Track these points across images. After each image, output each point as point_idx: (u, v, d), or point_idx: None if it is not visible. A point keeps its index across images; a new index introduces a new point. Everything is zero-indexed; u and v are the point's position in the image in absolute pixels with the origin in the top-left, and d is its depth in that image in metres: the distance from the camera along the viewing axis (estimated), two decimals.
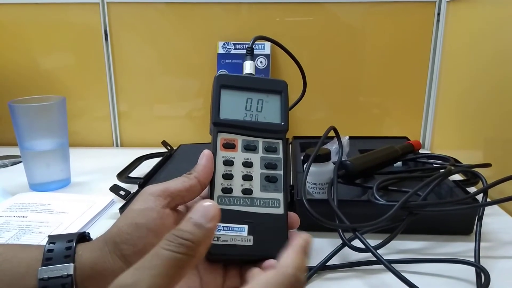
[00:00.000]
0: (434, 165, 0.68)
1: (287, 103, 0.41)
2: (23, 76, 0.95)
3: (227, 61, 0.90)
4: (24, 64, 0.94)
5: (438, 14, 0.86)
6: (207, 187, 0.37)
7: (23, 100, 0.67)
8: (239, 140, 0.39)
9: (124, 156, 0.78)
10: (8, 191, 0.67)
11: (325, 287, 0.43)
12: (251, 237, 0.36)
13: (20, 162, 0.76)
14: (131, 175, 0.70)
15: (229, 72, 0.89)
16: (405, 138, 0.83)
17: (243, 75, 0.44)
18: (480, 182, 0.57)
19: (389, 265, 0.42)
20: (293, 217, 0.40)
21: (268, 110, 0.40)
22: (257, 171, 0.38)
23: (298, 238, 0.30)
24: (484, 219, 0.51)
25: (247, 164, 0.38)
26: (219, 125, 0.39)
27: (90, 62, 0.93)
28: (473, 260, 0.45)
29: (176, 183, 0.35)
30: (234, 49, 0.90)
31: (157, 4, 0.89)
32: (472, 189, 0.57)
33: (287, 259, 0.28)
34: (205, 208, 0.28)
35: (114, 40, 0.92)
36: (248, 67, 0.45)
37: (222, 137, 0.39)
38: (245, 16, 0.89)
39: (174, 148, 0.84)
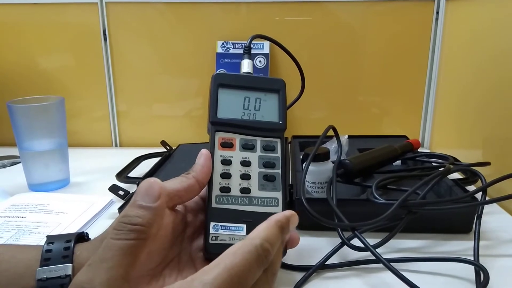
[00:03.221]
0: (433, 163, 0.68)
1: (285, 102, 0.41)
2: (21, 76, 0.94)
3: (226, 60, 0.90)
4: (22, 64, 0.94)
5: (437, 12, 0.86)
6: (206, 186, 0.37)
7: (21, 100, 0.67)
8: (237, 139, 0.39)
9: (123, 156, 0.78)
10: (7, 192, 0.67)
11: (324, 286, 0.43)
12: None
13: (19, 162, 0.76)
14: (130, 175, 0.70)
15: (228, 71, 0.88)
16: (404, 137, 0.83)
17: (241, 74, 0.44)
18: (479, 180, 0.57)
19: (388, 264, 0.42)
20: None
21: (266, 109, 0.40)
22: (255, 170, 0.38)
23: (278, 214, 0.30)
24: (483, 218, 0.51)
25: (245, 163, 0.38)
26: (217, 124, 0.39)
27: (89, 62, 0.93)
28: (472, 258, 0.45)
29: (174, 183, 0.35)
30: (233, 48, 0.90)
31: (155, 4, 0.89)
32: (471, 188, 0.57)
33: (256, 231, 0.28)
34: (149, 188, 0.28)
35: (112, 40, 0.92)
36: (246, 65, 0.45)
37: (220, 136, 0.39)
38: (244, 15, 0.89)
39: (173, 148, 0.84)
